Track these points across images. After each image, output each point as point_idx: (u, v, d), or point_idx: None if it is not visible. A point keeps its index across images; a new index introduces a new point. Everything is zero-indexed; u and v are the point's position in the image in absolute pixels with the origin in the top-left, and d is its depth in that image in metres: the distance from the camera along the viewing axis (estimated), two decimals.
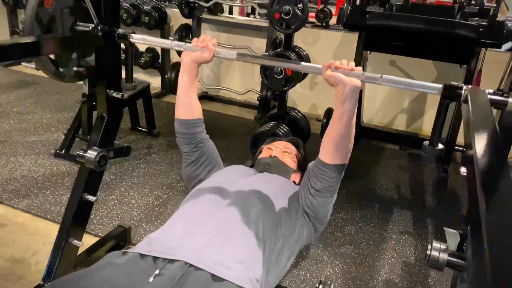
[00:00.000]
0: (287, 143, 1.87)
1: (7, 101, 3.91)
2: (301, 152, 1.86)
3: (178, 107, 1.56)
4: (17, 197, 2.45)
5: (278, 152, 1.77)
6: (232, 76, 4.47)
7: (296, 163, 1.79)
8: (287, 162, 1.75)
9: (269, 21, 2.57)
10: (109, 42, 1.58)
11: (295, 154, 1.82)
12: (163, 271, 1.09)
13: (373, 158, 3.42)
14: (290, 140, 1.91)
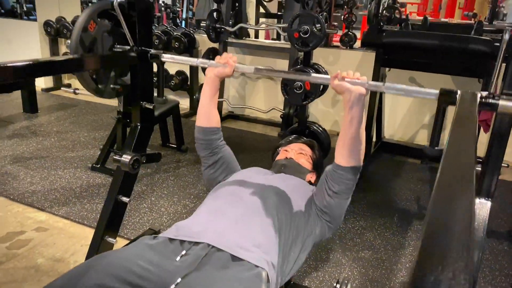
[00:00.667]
0: (302, 144, 1.96)
1: (48, 121, 4.22)
2: (316, 153, 1.94)
3: (199, 116, 1.72)
4: (57, 205, 2.66)
5: (293, 154, 1.87)
6: (257, 96, 4.66)
7: (311, 164, 1.88)
8: (302, 163, 1.84)
9: (288, 39, 2.74)
10: (143, 61, 1.79)
11: (310, 155, 1.91)
12: (189, 251, 1.24)
13: (394, 171, 3.50)
14: (305, 142, 1.99)
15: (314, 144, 1.99)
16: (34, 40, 5.24)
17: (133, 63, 1.82)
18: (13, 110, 4.50)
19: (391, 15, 5.46)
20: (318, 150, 1.97)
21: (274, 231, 1.37)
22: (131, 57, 1.80)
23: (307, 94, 2.73)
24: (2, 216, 2.54)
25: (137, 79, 1.87)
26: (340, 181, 1.50)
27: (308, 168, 1.84)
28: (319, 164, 1.90)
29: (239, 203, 1.45)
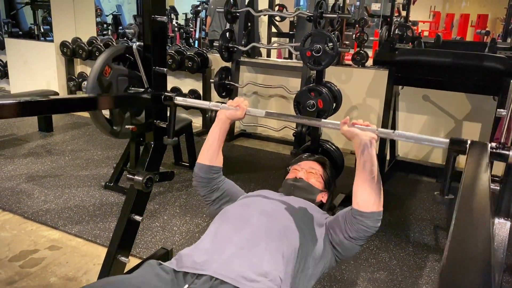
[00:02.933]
0: (313, 162, 1.87)
1: (63, 140, 4.27)
2: (327, 171, 1.85)
3: (203, 153, 1.69)
4: (71, 224, 2.67)
5: (303, 173, 1.78)
6: None
7: (323, 183, 1.80)
8: (312, 182, 1.76)
9: (301, 58, 2.75)
10: (157, 103, 1.82)
11: (321, 174, 1.81)
12: (192, 286, 1.20)
13: (409, 190, 3.45)
14: (316, 160, 1.89)
15: (326, 162, 1.91)
16: (50, 61, 5.36)
17: (147, 104, 1.84)
18: (29, 129, 4.57)
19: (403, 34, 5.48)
20: (330, 168, 1.89)
21: (282, 259, 1.32)
22: (146, 99, 1.83)
23: (320, 112, 2.73)
24: (16, 235, 2.55)
25: (151, 119, 1.89)
26: (359, 227, 1.42)
27: (319, 188, 1.77)
28: (331, 183, 1.84)
29: (246, 228, 1.39)
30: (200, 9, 8.97)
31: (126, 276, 1.26)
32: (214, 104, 1.73)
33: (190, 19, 9.60)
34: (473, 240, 0.65)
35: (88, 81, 1.69)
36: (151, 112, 1.87)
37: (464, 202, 0.80)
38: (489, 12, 12.37)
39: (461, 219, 0.73)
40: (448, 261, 0.54)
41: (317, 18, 3.39)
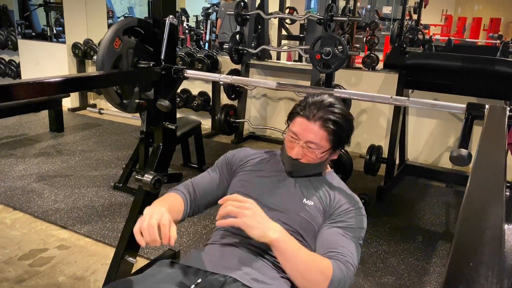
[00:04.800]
0: (314, 127, 1.29)
1: (73, 140, 4.31)
2: (336, 132, 1.29)
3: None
4: (80, 223, 2.69)
5: (299, 150, 1.31)
6: (278, 116, 4.67)
7: (328, 147, 1.31)
8: (312, 160, 1.33)
9: (310, 61, 2.75)
10: (167, 77, 1.82)
11: (325, 141, 1.30)
12: (204, 281, 1.20)
13: (418, 194, 3.42)
14: (320, 119, 1.28)
15: (333, 119, 1.29)
16: (62, 62, 5.41)
17: (157, 78, 1.85)
18: (40, 129, 4.62)
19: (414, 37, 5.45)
20: (340, 125, 1.30)
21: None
22: (155, 73, 1.83)
23: None
24: (26, 233, 2.58)
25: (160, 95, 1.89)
26: None
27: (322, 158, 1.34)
28: (342, 141, 1.35)
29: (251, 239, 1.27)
30: (210, 12, 9.01)
31: (136, 277, 1.26)
32: (224, 76, 1.75)
33: (200, 21, 9.64)
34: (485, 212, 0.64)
35: (98, 52, 1.69)
36: (160, 88, 1.87)
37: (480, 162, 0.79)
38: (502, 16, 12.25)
39: (475, 183, 0.73)
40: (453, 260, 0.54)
41: (327, 21, 3.39)
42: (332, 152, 1.34)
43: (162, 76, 1.84)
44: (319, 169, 1.39)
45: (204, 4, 11.09)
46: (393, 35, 5.48)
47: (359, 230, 1.27)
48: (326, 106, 1.29)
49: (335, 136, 1.29)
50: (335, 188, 1.37)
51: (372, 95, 1.41)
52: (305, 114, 1.30)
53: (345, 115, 1.31)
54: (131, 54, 1.82)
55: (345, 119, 1.31)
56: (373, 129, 4.22)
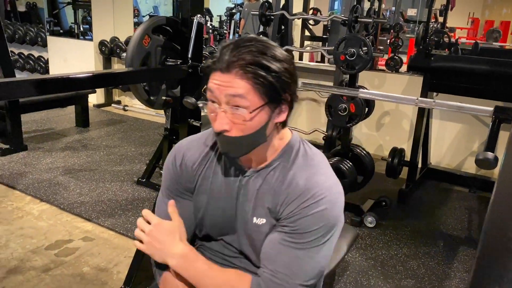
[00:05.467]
0: (235, 77, 0.90)
1: (99, 136, 4.41)
2: (266, 84, 0.90)
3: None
4: (104, 217, 2.75)
5: (222, 118, 0.92)
6: (299, 117, 4.67)
7: (262, 100, 0.91)
8: (245, 131, 0.93)
9: (334, 62, 2.75)
10: (193, 75, 1.86)
11: (252, 102, 0.90)
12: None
13: (440, 199, 3.38)
14: (238, 65, 0.89)
15: (250, 59, 0.89)
16: (89, 59, 5.53)
17: (184, 76, 1.89)
18: (67, 124, 4.73)
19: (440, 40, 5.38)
20: (263, 67, 0.89)
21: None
22: (182, 71, 1.88)
23: (352, 116, 2.72)
24: (52, 224, 2.65)
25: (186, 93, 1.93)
26: None
27: (261, 123, 0.94)
28: (276, 89, 0.91)
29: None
30: (234, 12, 9.06)
31: None
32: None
33: (224, 21, 9.71)
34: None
35: (128, 49, 1.74)
36: (187, 86, 1.91)
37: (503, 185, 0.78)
38: None
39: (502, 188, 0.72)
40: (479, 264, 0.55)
41: (352, 22, 3.38)
42: (271, 108, 0.93)
43: (189, 74, 1.88)
44: (261, 139, 0.96)
45: (228, 4, 11.16)
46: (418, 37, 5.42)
47: (313, 233, 0.93)
48: (240, 47, 0.90)
49: (264, 82, 0.89)
50: (289, 179, 0.98)
51: (398, 97, 1.41)
52: (218, 65, 0.91)
53: (269, 51, 0.91)
54: (159, 52, 1.86)
55: (271, 55, 0.90)
56: (395, 132, 4.19)
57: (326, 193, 0.95)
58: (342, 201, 0.99)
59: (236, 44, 0.92)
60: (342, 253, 1.68)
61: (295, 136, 1.06)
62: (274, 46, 0.93)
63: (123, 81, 1.62)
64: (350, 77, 2.75)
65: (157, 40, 1.85)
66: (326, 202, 0.94)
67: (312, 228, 0.93)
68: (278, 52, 0.93)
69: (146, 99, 1.88)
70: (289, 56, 0.96)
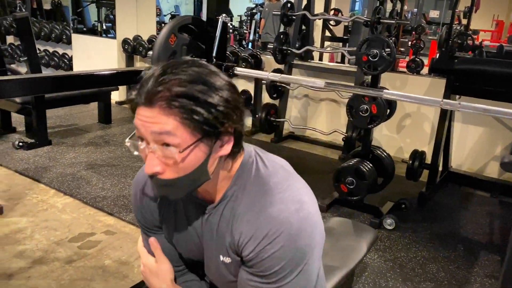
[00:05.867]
0: (159, 113, 0.76)
1: (120, 132, 4.49)
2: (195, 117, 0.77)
3: None
4: (125, 211, 2.80)
5: (151, 158, 0.80)
6: (319, 117, 4.67)
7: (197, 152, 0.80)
8: (180, 172, 0.81)
9: (356, 63, 2.75)
10: None
11: (182, 139, 0.77)
12: None
13: (461, 203, 3.35)
14: (159, 98, 0.76)
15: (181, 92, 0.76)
16: (112, 57, 5.62)
17: None
18: (90, 120, 4.83)
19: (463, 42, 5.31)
20: (189, 97, 0.76)
21: None
22: None
23: (373, 117, 2.71)
24: (75, 218, 2.72)
25: None
26: None
27: (193, 168, 0.81)
28: (208, 120, 0.77)
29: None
30: (255, 12, 9.09)
31: None
32: (273, 74, 1.78)
33: (244, 21, 9.75)
34: None
35: (154, 47, 1.78)
36: None
37: None
38: None
39: None
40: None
41: (375, 23, 3.38)
42: (208, 144, 0.80)
43: None
44: (203, 177, 0.84)
45: (248, 4, 11.20)
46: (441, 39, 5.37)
47: (278, 273, 0.84)
48: (167, 73, 0.77)
49: (194, 117, 0.76)
50: (241, 215, 0.87)
51: (422, 98, 1.41)
52: (139, 99, 0.78)
53: (202, 78, 0.78)
54: (184, 51, 1.90)
55: (204, 83, 0.78)
56: (416, 134, 4.16)
57: (282, 228, 0.82)
58: (311, 224, 0.86)
59: (162, 71, 0.78)
60: (362, 253, 1.69)
61: (248, 153, 0.91)
62: (211, 72, 0.81)
63: None
64: (372, 78, 2.74)
65: (182, 38, 1.88)
66: (283, 238, 0.82)
67: (275, 268, 0.83)
68: (214, 79, 0.80)
69: None
70: (229, 82, 0.83)
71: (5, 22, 6.54)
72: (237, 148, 0.87)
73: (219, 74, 0.83)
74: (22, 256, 2.28)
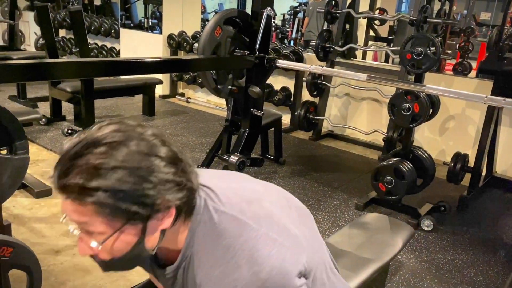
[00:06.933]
0: (72, 204, 0.72)
1: (163, 124, 4.62)
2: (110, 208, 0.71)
3: None
4: None
5: (81, 245, 0.77)
6: (359, 117, 4.63)
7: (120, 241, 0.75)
8: (110, 255, 0.77)
9: (400, 61, 2.72)
10: (260, 65, 1.93)
11: (100, 232, 0.73)
12: None
13: (504, 209, 3.24)
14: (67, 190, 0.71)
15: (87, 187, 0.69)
16: (157, 51, 5.79)
17: (250, 66, 1.97)
18: (134, 112, 5.00)
19: None
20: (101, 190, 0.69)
21: None
22: (249, 61, 1.96)
23: (415, 116, 2.68)
24: None
25: (251, 83, 2.02)
26: None
27: (127, 250, 0.77)
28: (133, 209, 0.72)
29: None
30: (298, 10, 9.09)
31: None
32: (315, 67, 1.81)
33: (286, 20, 9.76)
34: None
35: (200, 39, 1.85)
36: (252, 76, 1.99)
37: None
38: None
39: None
40: None
41: (421, 22, 3.32)
42: (137, 227, 0.74)
43: (255, 64, 1.96)
44: (144, 253, 0.79)
45: (291, 3, 11.20)
46: (491, 41, 5.18)
47: None
48: (71, 166, 0.70)
49: (107, 209, 0.70)
50: (199, 283, 0.82)
51: (464, 93, 1.40)
52: (54, 183, 0.73)
53: (105, 163, 0.69)
54: (229, 43, 1.96)
55: (107, 168, 0.69)
56: (460, 137, 4.04)
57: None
58: (279, 277, 0.76)
59: (69, 159, 0.70)
60: (397, 248, 1.69)
61: (198, 208, 0.82)
62: (114, 149, 0.70)
63: (195, 68, 1.73)
64: (416, 77, 2.70)
65: (227, 31, 1.94)
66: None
67: None
68: (119, 155, 0.70)
69: (213, 87, 1.97)
70: (139, 152, 0.72)
71: (58, 16, 6.86)
72: (184, 214, 0.80)
73: (128, 142, 0.72)
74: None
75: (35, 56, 5.12)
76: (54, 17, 6.73)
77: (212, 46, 1.86)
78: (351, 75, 1.66)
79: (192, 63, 1.87)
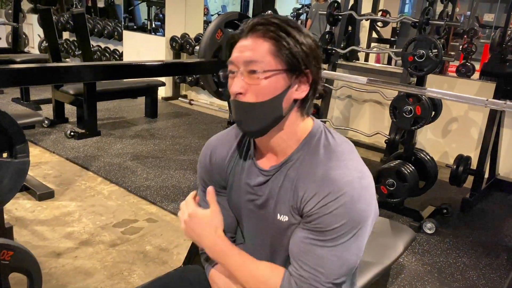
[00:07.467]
0: (254, 40, 0.91)
1: (165, 126, 4.63)
2: (285, 49, 0.90)
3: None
4: (167, 201, 2.90)
5: (238, 80, 0.92)
6: (362, 119, 4.62)
7: (282, 64, 0.90)
8: (258, 95, 0.91)
9: (402, 63, 2.71)
10: None
11: (268, 64, 0.89)
12: None
13: (507, 211, 3.22)
14: (258, 29, 0.91)
15: (275, 23, 0.91)
16: (160, 53, 5.81)
17: None
18: (137, 114, 5.01)
19: None
20: (284, 31, 0.90)
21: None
22: None
23: (417, 119, 2.67)
24: (120, 205, 2.84)
25: None
26: None
27: (278, 89, 0.91)
28: (296, 58, 0.90)
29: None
30: (301, 12, 9.09)
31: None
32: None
33: None
34: None
35: (201, 42, 1.85)
36: None
37: None
38: None
39: None
40: None
41: (423, 24, 3.31)
42: (289, 78, 0.90)
43: None
44: (277, 112, 0.91)
45: (294, 5, 11.21)
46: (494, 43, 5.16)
47: (335, 231, 0.88)
48: (268, 17, 0.93)
49: (284, 46, 0.89)
50: (307, 174, 0.93)
51: (465, 97, 1.39)
52: (242, 34, 0.94)
53: (295, 24, 0.93)
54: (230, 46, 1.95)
55: (296, 27, 0.92)
56: (462, 139, 4.03)
57: (346, 188, 0.88)
58: (370, 194, 0.92)
59: (265, 16, 0.94)
60: (398, 252, 1.68)
61: (317, 124, 0.99)
62: (302, 27, 0.94)
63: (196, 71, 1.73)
64: (418, 79, 2.70)
65: (228, 34, 1.94)
66: (346, 198, 0.87)
67: (333, 226, 0.88)
68: (304, 30, 0.93)
69: (215, 90, 1.97)
70: (315, 38, 0.95)
71: (62, 18, 6.89)
72: (310, 102, 0.96)
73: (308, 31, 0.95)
74: (70, 237, 2.42)
75: (38, 58, 5.14)
76: (57, 20, 6.76)
77: (213, 49, 1.86)
78: (352, 79, 1.65)
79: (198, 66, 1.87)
